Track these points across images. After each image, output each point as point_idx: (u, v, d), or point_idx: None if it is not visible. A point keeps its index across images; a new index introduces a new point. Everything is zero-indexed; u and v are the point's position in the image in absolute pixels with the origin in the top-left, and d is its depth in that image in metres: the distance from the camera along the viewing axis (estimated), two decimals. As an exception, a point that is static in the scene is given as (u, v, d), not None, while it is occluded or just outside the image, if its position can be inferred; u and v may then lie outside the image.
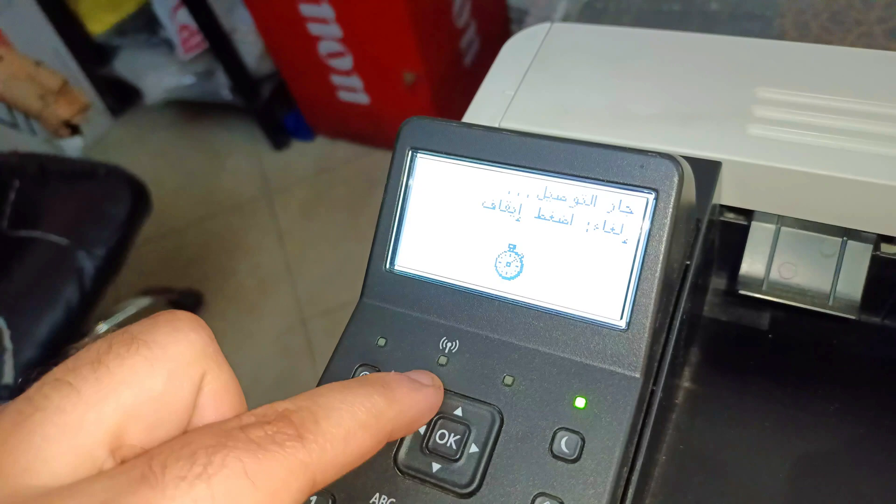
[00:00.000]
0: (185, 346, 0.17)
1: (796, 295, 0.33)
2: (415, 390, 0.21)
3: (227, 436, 0.16)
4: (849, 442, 0.31)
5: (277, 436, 0.16)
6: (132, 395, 0.16)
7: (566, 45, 0.38)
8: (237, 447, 0.15)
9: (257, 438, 0.16)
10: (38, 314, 0.98)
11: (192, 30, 1.54)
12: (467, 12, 1.46)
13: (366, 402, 0.19)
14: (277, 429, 0.16)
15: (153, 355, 0.17)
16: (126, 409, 0.16)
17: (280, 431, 0.16)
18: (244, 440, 0.16)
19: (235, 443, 0.15)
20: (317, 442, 0.17)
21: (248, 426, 0.16)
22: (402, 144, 0.28)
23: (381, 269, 0.28)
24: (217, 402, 0.18)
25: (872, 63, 0.33)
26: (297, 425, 0.17)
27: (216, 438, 0.15)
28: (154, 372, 0.17)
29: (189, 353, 0.17)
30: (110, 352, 0.16)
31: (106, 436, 0.16)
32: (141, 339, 0.17)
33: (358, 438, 0.18)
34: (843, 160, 0.30)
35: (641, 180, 0.25)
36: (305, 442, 0.16)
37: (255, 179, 1.69)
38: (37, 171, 1.15)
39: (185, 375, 0.17)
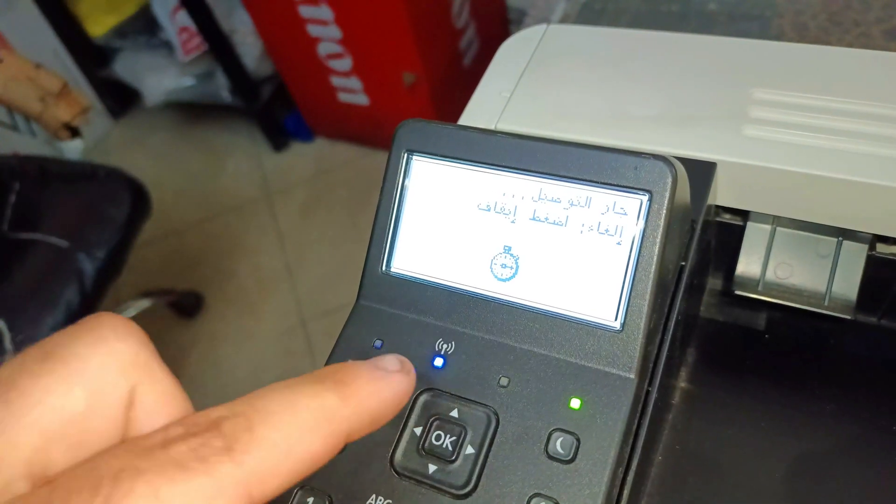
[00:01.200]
0: (108, 357, 0.16)
1: (792, 295, 0.34)
2: (377, 380, 0.19)
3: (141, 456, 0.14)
4: (845, 442, 0.31)
5: (202, 450, 0.14)
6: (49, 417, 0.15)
7: (562, 47, 0.38)
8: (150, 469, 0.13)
9: (178, 455, 0.14)
10: (38, 316, 0.99)
11: (191, 31, 1.54)
12: (466, 13, 1.47)
13: (312, 402, 0.17)
14: (203, 441, 0.14)
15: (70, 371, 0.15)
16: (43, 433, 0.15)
17: (205, 444, 0.14)
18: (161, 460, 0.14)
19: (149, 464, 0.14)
20: (249, 452, 0.15)
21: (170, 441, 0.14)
22: (397, 147, 0.28)
23: (378, 271, 0.29)
24: (154, 416, 0.16)
25: (868, 63, 0.33)
26: (226, 435, 0.15)
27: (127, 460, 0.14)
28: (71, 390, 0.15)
29: (114, 366, 0.16)
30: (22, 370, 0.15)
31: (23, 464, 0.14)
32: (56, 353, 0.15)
33: (304, 444, 0.16)
34: (839, 161, 0.30)
35: (635, 182, 0.25)
36: (234, 454, 0.15)
37: (255, 181, 1.69)
38: (37, 174, 1.16)
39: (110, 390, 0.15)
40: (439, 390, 0.26)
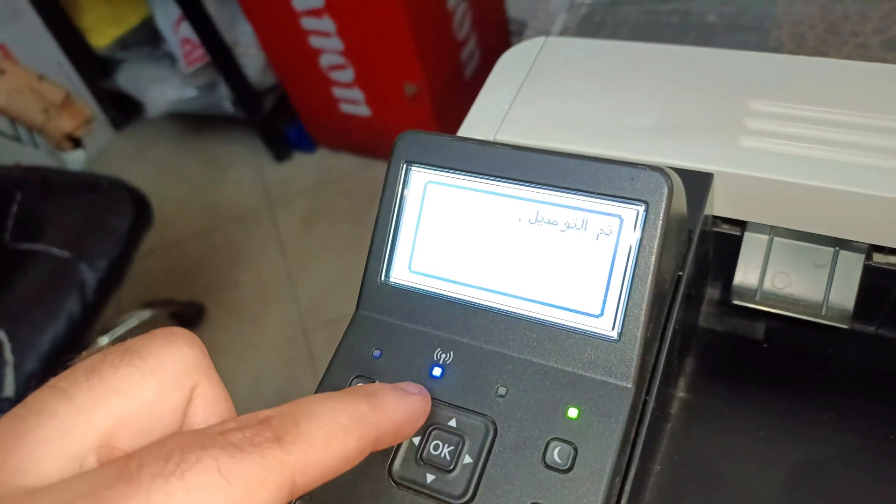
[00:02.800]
0: (178, 358, 0.18)
1: (790, 305, 0.34)
2: (400, 397, 0.22)
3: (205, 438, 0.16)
4: (843, 451, 0.31)
5: (255, 437, 0.17)
6: (123, 403, 0.17)
7: (561, 59, 0.38)
8: (213, 447, 0.16)
9: (235, 440, 0.16)
10: (39, 326, 0.99)
11: (194, 43, 1.55)
12: (467, 25, 1.47)
13: (348, 406, 0.19)
14: (256, 431, 0.17)
15: (146, 366, 0.17)
16: (116, 416, 0.17)
17: (258, 434, 0.17)
18: (222, 442, 0.16)
19: (212, 443, 0.16)
20: (295, 443, 0.17)
21: (228, 431, 0.17)
22: (396, 158, 0.29)
23: (377, 281, 0.29)
24: (206, 413, 0.19)
25: (863, 75, 0.34)
26: (276, 428, 0.17)
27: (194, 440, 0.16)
28: (146, 381, 0.17)
29: (181, 365, 0.18)
30: (104, 361, 0.17)
31: (95, 440, 0.16)
32: (135, 350, 0.18)
33: (339, 441, 0.18)
34: (836, 171, 0.30)
35: (632, 192, 0.25)
36: (283, 443, 0.17)
37: (257, 191, 1.70)
38: (39, 184, 1.16)
39: (177, 386, 0.18)
40: (437, 400, 0.26)
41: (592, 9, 0.78)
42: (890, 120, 0.31)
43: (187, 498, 0.15)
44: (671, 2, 0.76)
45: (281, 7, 1.36)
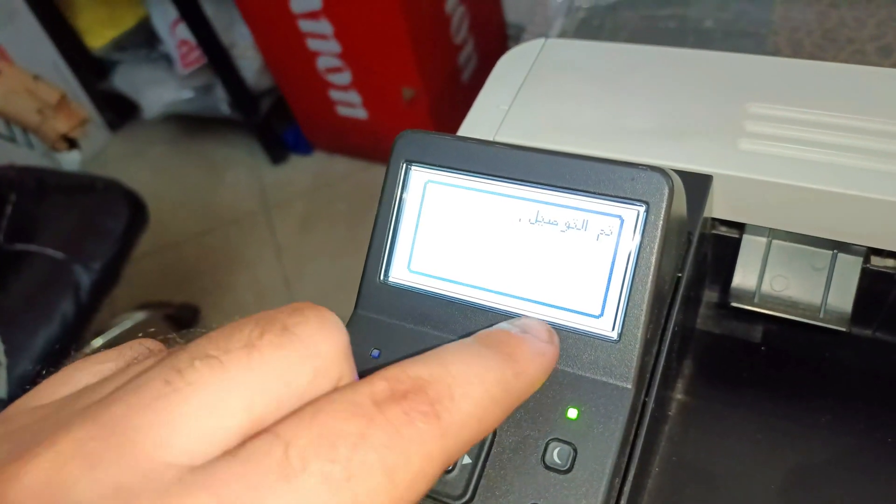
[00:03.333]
0: (332, 345, 0.17)
1: (788, 307, 0.34)
2: (539, 355, 0.21)
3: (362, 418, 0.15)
4: (840, 454, 0.31)
5: (414, 415, 0.15)
6: (279, 387, 0.16)
7: (560, 61, 0.38)
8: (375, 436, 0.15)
9: (394, 419, 0.15)
10: (33, 328, 0.98)
11: (191, 45, 1.55)
12: (465, 29, 1.48)
13: (497, 375, 0.18)
14: (412, 406, 0.16)
15: (304, 350, 0.16)
16: (271, 399, 0.15)
17: (416, 409, 0.16)
18: (382, 426, 0.15)
19: (374, 431, 0.15)
20: (454, 423, 0.16)
21: (382, 402, 0.15)
22: (396, 157, 0.29)
23: (376, 281, 0.29)
24: None
25: (862, 79, 0.34)
26: (432, 400, 0.16)
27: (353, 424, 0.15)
28: (304, 367, 0.16)
29: (334, 353, 0.17)
30: (262, 339, 0.16)
31: (246, 422, 0.15)
32: (293, 331, 0.16)
33: (490, 415, 0.18)
34: (834, 174, 0.30)
35: (632, 193, 0.25)
36: (442, 423, 0.16)
37: (253, 194, 1.69)
38: (34, 185, 1.16)
39: (327, 375, 0.17)
40: None
41: (590, 13, 0.78)
42: (888, 123, 0.31)
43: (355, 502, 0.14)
44: (669, 7, 0.76)
45: (278, 9, 1.36)
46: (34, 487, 0.13)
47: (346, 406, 0.15)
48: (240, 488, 0.13)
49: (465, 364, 0.18)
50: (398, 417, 0.15)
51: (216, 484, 0.14)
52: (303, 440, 0.14)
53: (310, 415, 0.15)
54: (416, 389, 0.16)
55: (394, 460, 0.15)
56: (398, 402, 0.16)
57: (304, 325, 0.17)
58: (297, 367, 0.16)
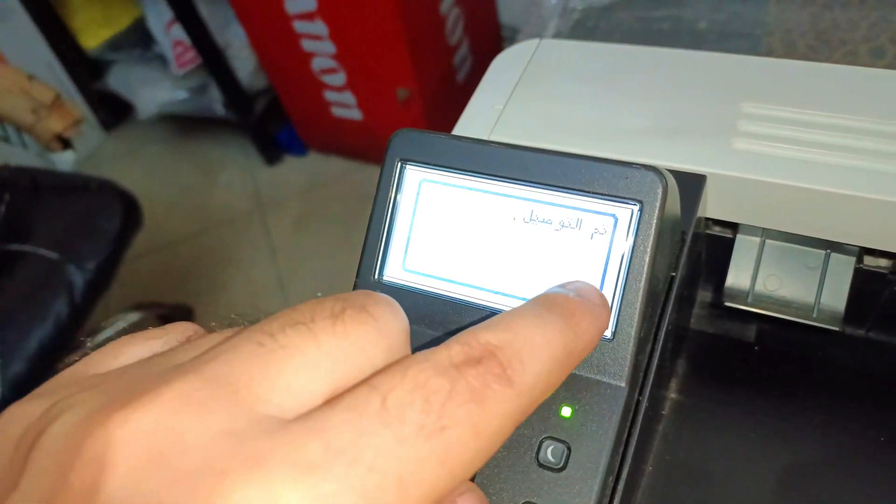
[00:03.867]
0: (400, 327, 0.18)
1: (781, 307, 0.34)
2: (594, 317, 0.21)
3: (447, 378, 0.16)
4: (834, 452, 0.31)
5: (489, 378, 0.16)
6: (358, 360, 0.16)
7: (554, 61, 0.38)
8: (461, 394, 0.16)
9: (473, 381, 0.16)
10: (27, 328, 0.98)
11: (185, 45, 1.55)
12: (460, 30, 1.48)
13: (561, 338, 0.19)
14: (487, 369, 0.17)
15: (381, 328, 0.17)
16: (353, 368, 0.16)
17: (490, 373, 0.16)
18: (465, 386, 0.16)
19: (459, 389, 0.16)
20: (525, 385, 0.17)
21: (461, 365, 0.16)
22: (391, 156, 0.29)
23: (370, 279, 0.29)
24: None
25: (855, 79, 0.34)
26: (504, 365, 0.17)
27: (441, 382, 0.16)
28: (380, 345, 0.17)
29: (403, 335, 0.18)
30: (344, 313, 0.17)
31: (329, 387, 0.16)
32: (371, 311, 0.17)
33: (556, 376, 0.19)
34: (827, 174, 0.30)
35: (626, 192, 0.25)
36: (515, 386, 0.17)
37: (247, 194, 1.69)
38: (28, 185, 1.15)
39: (398, 354, 0.18)
40: None
41: (585, 14, 0.78)
42: (881, 123, 0.31)
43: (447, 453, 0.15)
44: (663, 8, 0.77)
45: (273, 10, 1.36)
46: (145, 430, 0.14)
47: (432, 365, 0.16)
48: (345, 433, 0.14)
49: (530, 328, 0.19)
50: (477, 379, 0.16)
51: (322, 429, 0.14)
52: (398, 392, 0.15)
53: (400, 370, 0.16)
54: (488, 355, 0.17)
55: (478, 416, 0.16)
56: (474, 367, 0.16)
57: (377, 306, 0.18)
58: (375, 341, 0.17)
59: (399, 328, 0.18)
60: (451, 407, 0.15)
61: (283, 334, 0.16)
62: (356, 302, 0.17)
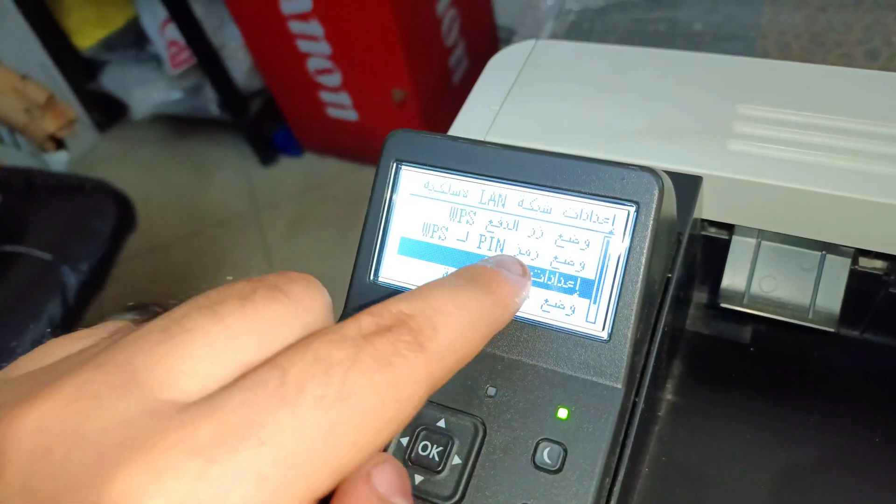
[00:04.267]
0: (319, 303, 0.18)
1: (777, 308, 0.34)
2: (515, 285, 0.22)
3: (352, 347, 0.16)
4: (829, 453, 0.31)
5: (399, 345, 0.16)
6: (269, 339, 0.16)
7: (550, 62, 0.38)
8: (365, 362, 0.16)
9: (381, 348, 0.16)
10: (20, 329, 0.97)
11: (180, 45, 1.54)
12: (456, 31, 1.48)
13: (476, 305, 0.20)
14: (397, 337, 0.17)
15: (294, 306, 0.17)
16: (263, 348, 0.16)
17: (400, 340, 0.17)
18: (371, 354, 0.16)
19: (364, 357, 0.16)
20: (437, 351, 0.17)
21: (370, 335, 0.16)
22: (386, 156, 0.29)
23: (365, 280, 0.29)
24: None
25: (850, 81, 0.34)
26: (416, 332, 0.17)
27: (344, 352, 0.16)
28: (294, 321, 0.17)
29: (321, 311, 0.18)
30: (256, 292, 0.17)
31: (238, 369, 0.16)
32: (284, 289, 0.17)
33: (471, 342, 0.19)
34: (822, 175, 0.30)
35: (622, 193, 0.25)
36: (426, 351, 0.17)
37: (242, 195, 1.69)
38: (22, 186, 1.15)
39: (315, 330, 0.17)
40: None
41: (581, 16, 0.78)
42: (876, 125, 0.31)
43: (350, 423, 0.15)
44: (658, 10, 0.77)
45: (269, 10, 1.36)
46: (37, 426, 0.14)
47: (337, 337, 0.16)
48: (240, 415, 0.14)
49: (444, 296, 0.19)
50: (385, 347, 0.16)
51: (218, 412, 0.14)
52: (298, 366, 0.15)
53: (304, 345, 0.16)
54: (399, 323, 0.17)
55: (383, 384, 0.16)
56: (383, 335, 0.17)
57: (291, 284, 0.18)
58: (287, 320, 0.17)
59: (317, 304, 0.18)
60: (354, 376, 0.15)
61: (189, 318, 0.16)
62: (269, 282, 0.17)
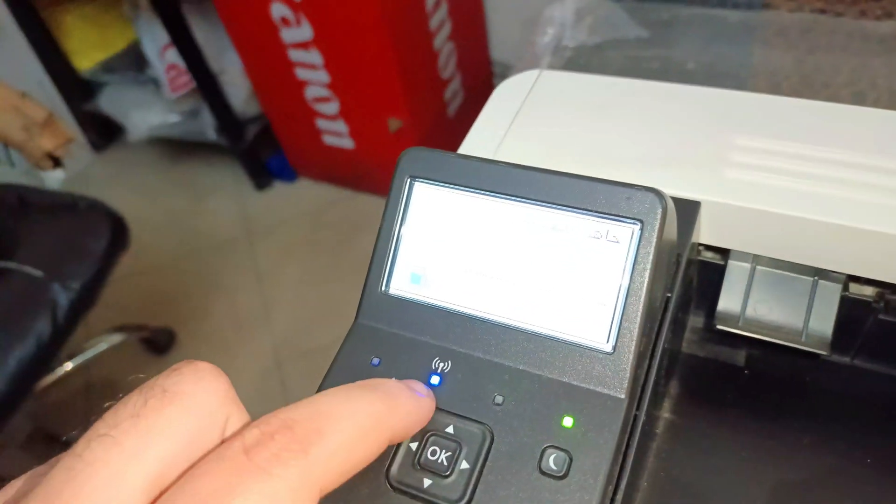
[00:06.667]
0: (211, 394, 0.19)
1: (771, 331, 0.35)
2: (414, 398, 0.23)
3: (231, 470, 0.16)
4: (822, 472, 0.32)
5: (283, 454, 0.17)
6: (170, 444, 0.17)
7: (554, 91, 0.40)
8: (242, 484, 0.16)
9: (262, 462, 0.17)
10: (7, 346, 0.97)
11: (179, 69, 1.56)
12: (453, 64, 1.51)
13: (370, 408, 0.20)
14: (281, 446, 0.17)
15: (185, 405, 0.18)
16: (165, 457, 0.17)
17: (285, 449, 0.17)
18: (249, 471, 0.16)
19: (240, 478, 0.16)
20: (322, 455, 0.18)
21: (251, 448, 0.17)
22: (400, 172, 0.30)
23: (377, 291, 0.29)
24: None
25: (842, 116, 0.36)
26: (300, 440, 0.18)
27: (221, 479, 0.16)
28: (188, 420, 0.18)
29: (215, 400, 0.19)
30: (146, 405, 0.18)
31: (147, 483, 0.17)
32: (172, 391, 0.18)
33: (362, 446, 0.19)
34: (815, 203, 0.32)
35: (627, 211, 0.26)
36: (310, 457, 0.17)
37: (236, 220, 1.69)
38: (15, 202, 1.15)
39: (214, 421, 0.18)
40: (436, 407, 0.26)
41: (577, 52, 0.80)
42: (866, 157, 0.33)
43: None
44: (653, 48, 0.79)
45: (269, 38, 1.38)
46: None
47: (216, 464, 0.17)
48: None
49: (335, 402, 0.20)
50: (266, 460, 0.17)
51: None
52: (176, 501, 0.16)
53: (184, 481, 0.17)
54: (283, 430, 0.18)
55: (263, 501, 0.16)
56: (266, 445, 0.17)
57: (180, 382, 0.18)
58: (180, 422, 0.18)
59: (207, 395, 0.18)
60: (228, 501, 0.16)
61: (89, 450, 0.17)
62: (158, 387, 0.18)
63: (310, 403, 0.19)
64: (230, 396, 0.19)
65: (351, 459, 0.19)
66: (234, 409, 0.19)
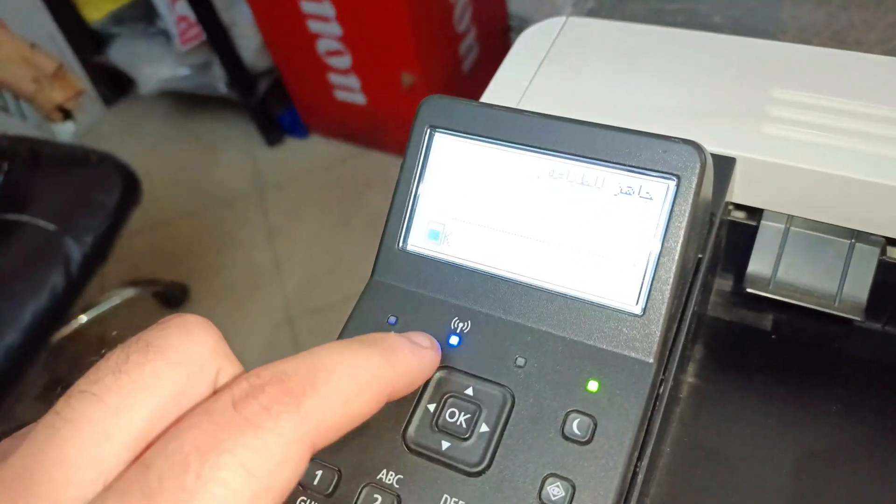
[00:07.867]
0: (199, 346, 0.18)
1: (803, 295, 0.34)
2: (415, 353, 0.22)
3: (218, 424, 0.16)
4: (849, 441, 0.31)
5: (273, 407, 0.16)
6: (155, 399, 0.16)
7: (581, 39, 0.38)
8: (230, 437, 0.15)
9: (251, 416, 0.16)
10: (22, 299, 0.97)
11: (190, 21, 1.53)
12: (468, 18, 1.47)
13: (366, 362, 0.19)
14: (272, 398, 0.16)
15: (171, 359, 0.17)
16: (151, 413, 0.16)
17: (276, 402, 0.16)
18: (237, 424, 0.16)
19: (228, 432, 0.15)
20: (314, 409, 0.17)
21: (240, 401, 0.16)
22: (420, 122, 0.28)
23: (394, 247, 0.28)
24: None
25: (885, 69, 0.34)
26: (292, 392, 0.17)
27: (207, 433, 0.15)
28: (175, 374, 0.17)
29: (203, 353, 0.18)
30: (128, 361, 0.17)
31: (134, 441, 0.16)
32: (156, 344, 0.17)
33: (358, 401, 0.18)
34: (855, 161, 0.30)
35: (663, 166, 0.25)
36: (302, 410, 0.16)
37: (247, 175, 1.68)
38: (28, 155, 1.14)
39: (203, 374, 0.17)
40: (454, 368, 0.25)
41: (598, 4, 0.78)
42: (912, 113, 0.31)
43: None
44: (678, 1, 0.76)
45: (281, -11, 1.35)
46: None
47: (202, 417, 0.16)
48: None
49: (332, 355, 0.19)
50: (256, 413, 0.16)
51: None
52: (160, 461, 0.15)
53: (170, 435, 0.16)
54: (274, 382, 0.17)
55: (251, 455, 0.15)
56: (256, 398, 0.16)
57: (166, 336, 0.18)
58: (165, 376, 0.17)
59: (197, 348, 0.18)
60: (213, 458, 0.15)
61: (70, 408, 0.16)
62: (141, 342, 0.17)
63: (304, 356, 0.18)
64: (220, 349, 0.18)
65: (346, 414, 0.18)
66: (225, 361, 0.18)
